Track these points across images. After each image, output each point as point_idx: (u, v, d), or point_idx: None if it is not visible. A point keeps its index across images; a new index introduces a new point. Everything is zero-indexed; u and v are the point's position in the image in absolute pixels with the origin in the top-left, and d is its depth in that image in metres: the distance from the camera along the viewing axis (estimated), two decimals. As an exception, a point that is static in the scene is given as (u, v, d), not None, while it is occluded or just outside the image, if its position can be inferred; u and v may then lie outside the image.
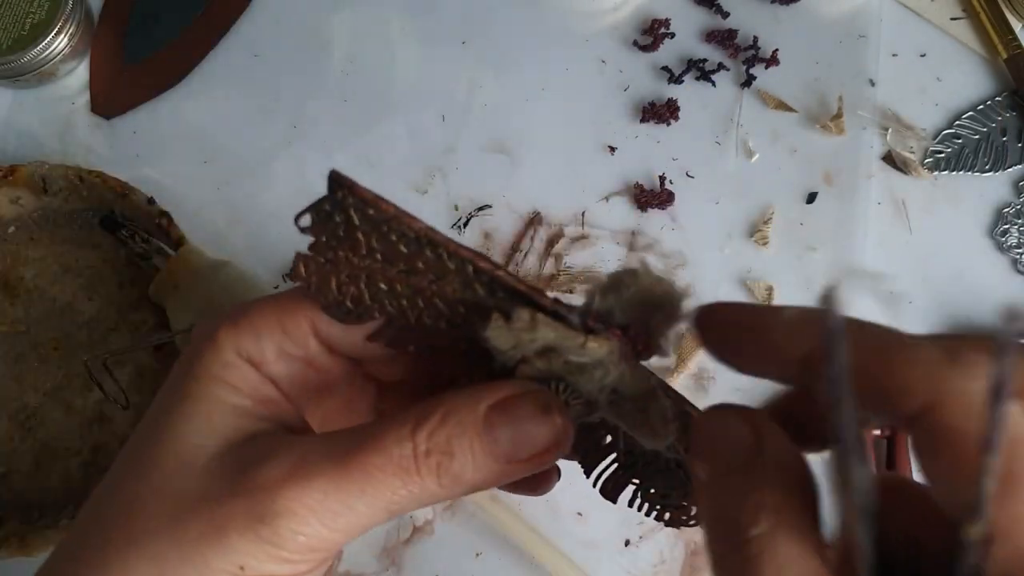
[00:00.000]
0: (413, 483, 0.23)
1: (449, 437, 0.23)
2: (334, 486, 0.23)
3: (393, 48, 0.58)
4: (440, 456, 0.23)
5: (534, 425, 0.24)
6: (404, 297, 0.25)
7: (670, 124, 0.55)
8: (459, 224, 0.54)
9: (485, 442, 0.24)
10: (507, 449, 0.24)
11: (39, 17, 0.56)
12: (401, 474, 0.23)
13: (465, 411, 0.24)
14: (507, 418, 0.24)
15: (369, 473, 0.23)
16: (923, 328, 0.52)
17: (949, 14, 0.58)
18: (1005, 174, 0.55)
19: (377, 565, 0.49)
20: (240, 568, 0.23)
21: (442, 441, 0.23)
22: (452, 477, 0.24)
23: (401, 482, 0.23)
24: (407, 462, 0.23)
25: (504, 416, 0.24)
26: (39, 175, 0.51)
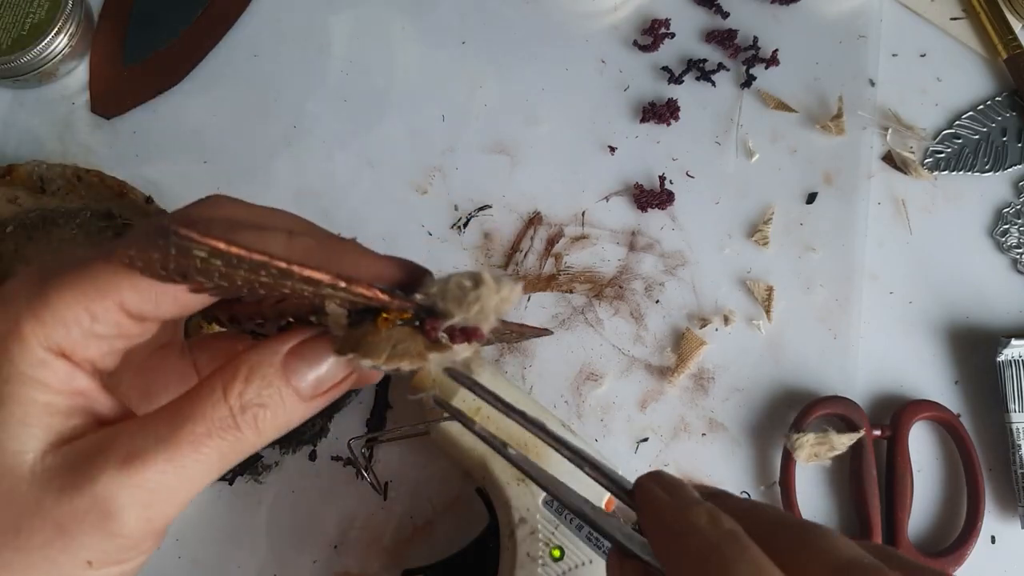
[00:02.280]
0: (236, 439, 0.26)
1: (258, 391, 0.26)
2: (170, 465, 0.25)
3: (393, 48, 0.58)
4: (255, 409, 0.26)
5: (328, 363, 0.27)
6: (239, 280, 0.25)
7: (670, 124, 0.55)
8: (459, 224, 0.54)
9: (290, 387, 0.27)
10: (310, 388, 0.27)
11: (39, 17, 0.56)
12: (224, 434, 0.26)
13: (266, 365, 0.26)
14: (304, 362, 0.27)
15: (197, 442, 0.25)
16: (923, 329, 0.52)
17: (949, 14, 0.58)
18: (1005, 174, 0.55)
19: (377, 565, 0.48)
20: (88, 563, 0.25)
21: (252, 396, 0.26)
22: (268, 424, 0.26)
23: (225, 441, 0.26)
24: (227, 422, 0.26)
25: (300, 360, 0.27)
26: (37, 174, 0.51)
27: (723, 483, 0.49)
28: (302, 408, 0.27)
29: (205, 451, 0.25)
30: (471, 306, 0.26)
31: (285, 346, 0.27)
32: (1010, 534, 0.49)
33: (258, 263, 0.24)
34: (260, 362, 0.27)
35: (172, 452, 0.25)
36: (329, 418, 0.51)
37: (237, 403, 0.26)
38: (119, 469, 0.24)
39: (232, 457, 0.26)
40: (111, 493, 0.24)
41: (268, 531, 0.49)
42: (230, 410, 0.26)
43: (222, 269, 0.24)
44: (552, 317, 0.52)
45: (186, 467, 0.25)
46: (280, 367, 0.27)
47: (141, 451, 0.25)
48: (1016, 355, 0.49)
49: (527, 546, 0.44)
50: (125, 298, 0.26)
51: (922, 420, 0.50)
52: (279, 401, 0.26)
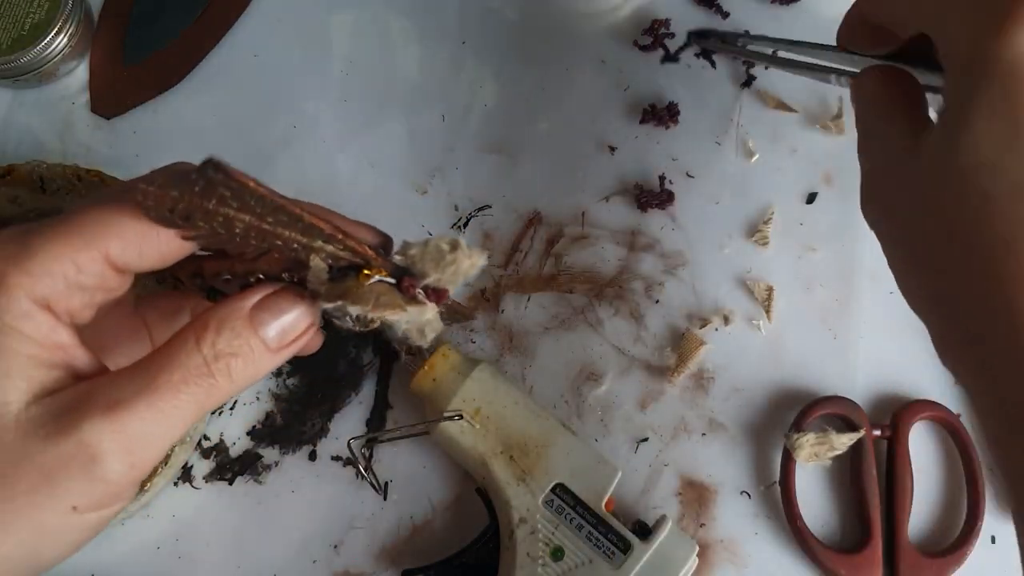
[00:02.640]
0: (212, 386, 0.28)
1: (229, 341, 0.28)
2: (150, 411, 0.26)
3: (393, 48, 0.58)
4: (227, 358, 0.28)
5: (292, 314, 0.29)
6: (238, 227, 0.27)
7: (669, 128, 0.55)
8: (459, 224, 0.54)
9: (258, 337, 0.29)
10: (276, 338, 0.29)
11: (39, 17, 0.56)
12: (200, 380, 0.27)
13: (235, 317, 0.28)
14: (270, 314, 0.29)
15: (176, 389, 0.27)
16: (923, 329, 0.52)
17: (949, 14, 0.58)
18: (1005, 174, 0.55)
19: (377, 565, 0.49)
20: (72, 508, 0.26)
21: (224, 346, 0.28)
22: (240, 372, 0.28)
23: (201, 388, 0.27)
24: (202, 370, 0.27)
25: (267, 312, 0.29)
26: (37, 174, 0.51)
27: (723, 483, 0.50)
28: (269, 358, 0.29)
29: (183, 397, 0.27)
30: (447, 267, 0.29)
31: (251, 300, 0.29)
32: (1010, 534, 0.49)
33: (277, 205, 0.26)
34: (229, 314, 0.28)
35: (152, 398, 0.26)
36: (329, 418, 0.51)
37: (211, 352, 0.27)
38: (103, 416, 0.26)
39: (207, 404, 0.28)
40: (95, 439, 0.25)
41: (268, 531, 0.49)
42: (204, 359, 0.27)
43: (229, 213, 0.26)
44: (552, 317, 0.52)
45: (165, 412, 0.26)
46: (248, 319, 0.28)
47: (123, 399, 0.26)
48: (1016, 355, 0.49)
49: (527, 546, 0.44)
50: (111, 248, 0.27)
51: (922, 420, 0.50)
52: (249, 351, 0.28)
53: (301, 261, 0.29)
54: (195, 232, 0.28)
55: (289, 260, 0.29)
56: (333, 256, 0.29)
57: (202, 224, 0.27)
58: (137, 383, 0.27)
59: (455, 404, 0.46)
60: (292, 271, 0.30)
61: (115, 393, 0.26)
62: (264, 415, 0.51)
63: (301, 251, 0.28)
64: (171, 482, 0.50)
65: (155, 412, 0.26)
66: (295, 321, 0.29)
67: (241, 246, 0.28)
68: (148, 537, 0.49)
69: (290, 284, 0.30)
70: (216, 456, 0.51)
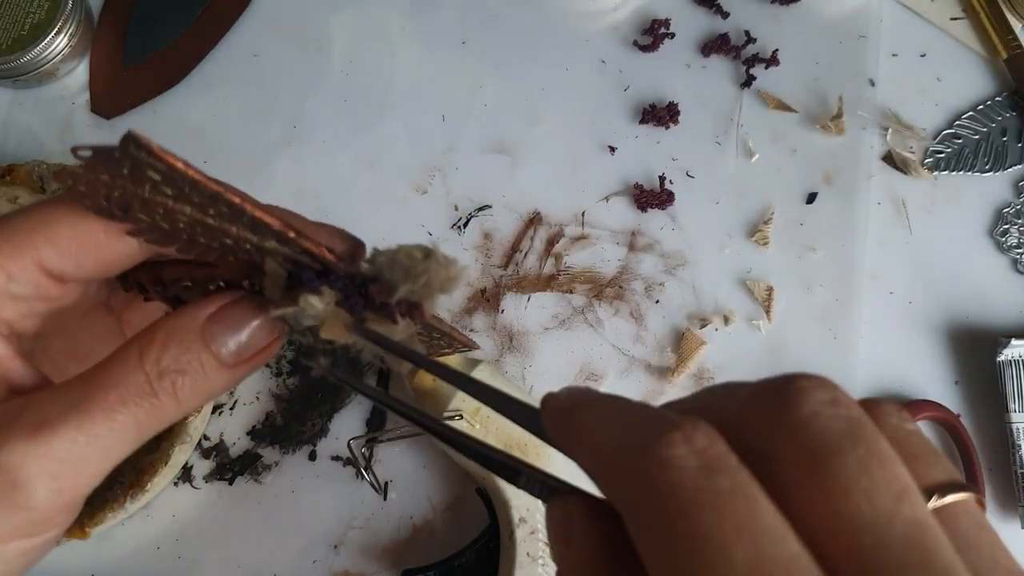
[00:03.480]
0: (154, 407, 0.24)
1: (176, 356, 0.25)
2: (80, 434, 0.23)
3: (393, 48, 0.58)
4: (173, 375, 0.24)
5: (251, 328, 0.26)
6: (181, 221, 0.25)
7: (669, 128, 0.55)
8: (459, 224, 0.54)
9: (210, 353, 0.25)
10: (232, 355, 0.25)
11: (39, 17, 0.56)
12: (141, 401, 0.24)
13: (185, 329, 0.25)
14: (225, 327, 0.25)
15: (112, 410, 0.24)
16: (923, 329, 0.52)
17: (949, 14, 0.58)
18: (1005, 174, 0.55)
19: (377, 565, 0.48)
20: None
21: (170, 362, 0.25)
22: (188, 392, 0.25)
23: (142, 409, 0.24)
24: (143, 388, 0.24)
25: (222, 325, 0.25)
26: (37, 174, 0.51)
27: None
28: (224, 376, 0.26)
29: (120, 419, 0.24)
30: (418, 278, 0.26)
31: (206, 311, 0.26)
32: (1010, 534, 0.49)
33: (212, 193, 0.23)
34: (178, 327, 0.25)
35: (83, 420, 0.24)
36: (329, 418, 0.51)
37: (154, 369, 0.24)
38: (27, 438, 0.23)
39: (150, 426, 0.25)
40: (17, 463, 0.23)
41: (268, 531, 0.49)
42: (146, 376, 0.24)
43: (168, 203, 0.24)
44: (552, 317, 0.52)
45: (99, 436, 0.24)
46: (200, 332, 0.25)
47: (51, 419, 0.23)
48: (1016, 355, 0.49)
49: (527, 546, 0.44)
50: (43, 255, 0.25)
51: (922, 420, 0.50)
52: (198, 367, 0.25)
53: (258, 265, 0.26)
54: (136, 226, 0.25)
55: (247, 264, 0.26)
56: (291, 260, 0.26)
57: (143, 217, 0.24)
58: (69, 401, 0.24)
59: (455, 404, 0.46)
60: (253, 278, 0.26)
61: (44, 412, 0.24)
62: (264, 415, 0.51)
63: (255, 253, 0.25)
64: (171, 482, 0.50)
65: (87, 435, 0.23)
66: (253, 335, 0.26)
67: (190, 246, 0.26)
68: (148, 537, 0.49)
69: (252, 293, 0.27)
70: (216, 456, 0.50)
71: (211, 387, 0.25)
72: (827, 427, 0.17)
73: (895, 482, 0.16)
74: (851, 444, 0.17)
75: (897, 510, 0.16)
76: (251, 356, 0.26)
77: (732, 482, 0.16)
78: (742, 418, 0.18)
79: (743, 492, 0.16)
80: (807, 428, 0.17)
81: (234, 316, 0.26)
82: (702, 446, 0.17)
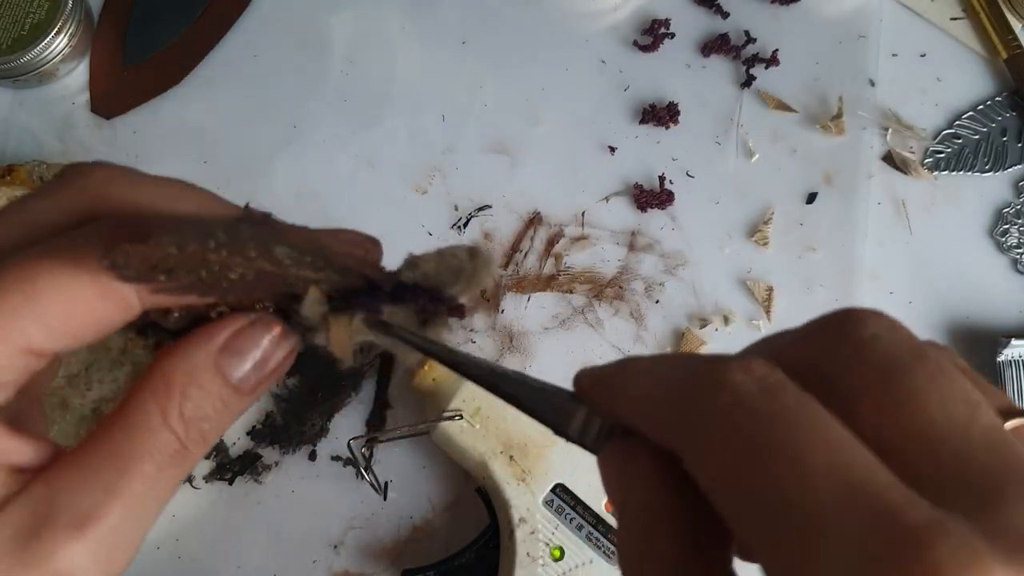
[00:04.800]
0: (187, 459, 0.24)
1: (198, 403, 0.23)
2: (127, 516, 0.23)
3: (393, 48, 0.58)
4: (199, 423, 0.24)
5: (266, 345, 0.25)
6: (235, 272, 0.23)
7: (669, 128, 0.55)
8: (459, 224, 0.54)
9: (230, 387, 0.24)
10: (251, 382, 0.24)
11: (39, 17, 0.56)
12: (177, 460, 0.23)
13: (201, 368, 0.24)
14: (239, 357, 0.24)
15: (151, 480, 0.23)
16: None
17: (949, 14, 0.58)
18: (1005, 174, 0.55)
19: (377, 565, 0.48)
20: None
21: (193, 411, 0.23)
22: (215, 432, 0.24)
23: (177, 465, 0.24)
24: (174, 447, 0.23)
25: (237, 354, 0.24)
26: (37, 174, 0.51)
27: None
28: (246, 402, 0.25)
29: (161, 486, 0.23)
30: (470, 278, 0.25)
31: (216, 342, 0.24)
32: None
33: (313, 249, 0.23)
34: (194, 367, 0.24)
35: (127, 501, 0.23)
36: (329, 418, 0.51)
37: (180, 425, 0.23)
38: (75, 536, 0.22)
39: (183, 476, 0.25)
40: (72, 563, 0.22)
41: (268, 531, 0.49)
42: (175, 435, 0.23)
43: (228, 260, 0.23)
44: (552, 317, 0.52)
45: (144, 508, 0.23)
46: (215, 367, 0.24)
47: (93, 509, 0.22)
48: (1016, 355, 0.49)
49: (527, 546, 0.44)
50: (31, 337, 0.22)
51: (922, 420, 0.50)
52: (221, 407, 0.24)
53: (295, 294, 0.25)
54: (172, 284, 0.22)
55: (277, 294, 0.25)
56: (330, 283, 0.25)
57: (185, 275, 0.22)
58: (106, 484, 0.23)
59: (455, 404, 0.46)
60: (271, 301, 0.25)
61: (83, 502, 0.22)
62: (264, 415, 0.51)
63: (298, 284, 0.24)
64: (171, 482, 0.50)
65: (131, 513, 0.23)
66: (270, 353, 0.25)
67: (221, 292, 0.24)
68: (148, 537, 0.49)
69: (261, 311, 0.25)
70: (216, 456, 0.50)
71: (232, 416, 0.25)
72: (893, 347, 0.17)
73: (968, 395, 0.16)
74: (919, 361, 0.17)
75: (974, 418, 0.16)
76: (269, 374, 0.25)
77: (797, 400, 0.16)
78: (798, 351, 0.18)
79: (809, 408, 0.16)
80: (872, 348, 0.17)
81: (251, 339, 0.24)
82: (761, 374, 0.17)
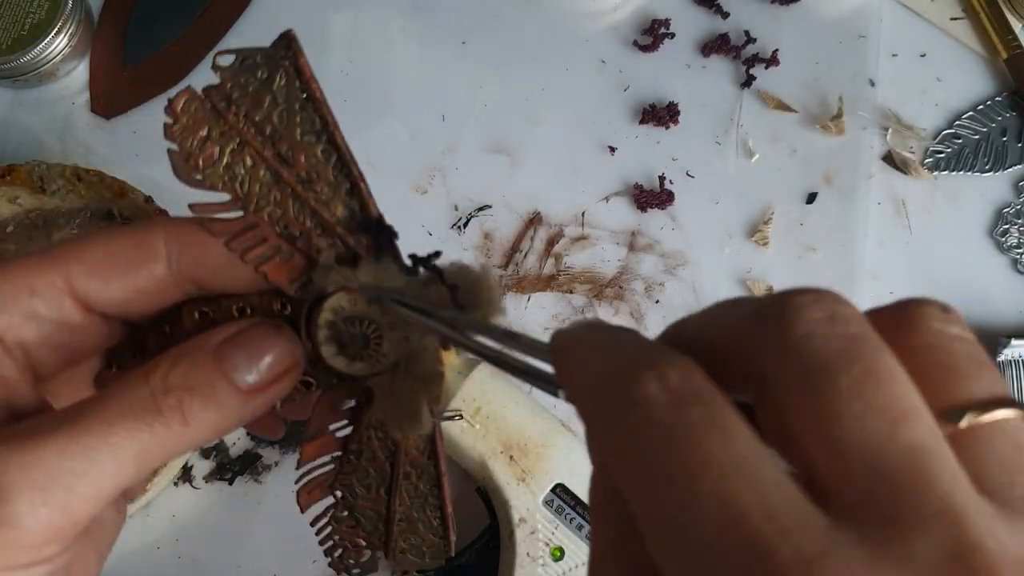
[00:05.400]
0: (158, 425, 0.22)
1: (186, 373, 0.23)
2: (74, 446, 0.21)
3: (393, 48, 0.58)
4: (180, 393, 0.22)
5: (267, 346, 0.24)
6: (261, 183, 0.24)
7: (669, 128, 0.55)
8: (459, 224, 0.54)
9: (222, 372, 0.23)
10: (244, 375, 0.23)
11: (39, 17, 0.56)
12: (144, 417, 0.22)
13: (198, 348, 0.23)
14: (239, 348, 0.23)
15: (110, 423, 0.22)
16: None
17: (949, 14, 0.58)
18: (1005, 174, 0.55)
19: (376, 565, 0.48)
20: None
21: (179, 378, 0.23)
22: (197, 413, 0.23)
23: (145, 425, 0.22)
24: (147, 403, 0.22)
25: (237, 347, 0.23)
26: (37, 174, 0.50)
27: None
28: (237, 401, 0.23)
29: (119, 434, 0.22)
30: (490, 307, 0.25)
31: (221, 334, 0.24)
32: (1010, 534, 0.49)
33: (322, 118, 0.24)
34: (191, 347, 0.23)
35: (77, 432, 0.21)
36: (329, 418, 0.51)
37: (160, 384, 0.22)
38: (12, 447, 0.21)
39: (153, 451, 0.22)
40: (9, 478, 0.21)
41: (268, 531, 0.49)
42: (151, 391, 0.22)
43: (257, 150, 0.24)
44: (552, 317, 0.52)
45: (92, 450, 0.21)
46: (213, 352, 0.23)
47: (42, 428, 0.21)
48: (1016, 355, 0.49)
49: (527, 546, 0.44)
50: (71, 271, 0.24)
51: (922, 420, 0.50)
52: (209, 387, 0.23)
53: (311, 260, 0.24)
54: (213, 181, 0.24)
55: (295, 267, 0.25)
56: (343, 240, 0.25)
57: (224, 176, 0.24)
58: (65, 416, 0.22)
59: (455, 404, 0.46)
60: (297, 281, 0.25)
61: (37, 423, 0.22)
62: (264, 415, 0.51)
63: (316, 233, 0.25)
64: (171, 482, 0.50)
65: (80, 447, 0.21)
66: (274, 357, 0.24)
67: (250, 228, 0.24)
68: (148, 537, 0.49)
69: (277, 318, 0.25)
70: (216, 456, 0.50)
71: (223, 413, 0.23)
72: (820, 347, 0.16)
73: (894, 405, 0.15)
74: (845, 365, 0.16)
75: (893, 435, 0.15)
76: (269, 380, 0.24)
77: (703, 414, 0.16)
78: (741, 339, 0.18)
79: (715, 423, 0.15)
80: (799, 349, 0.16)
81: (251, 338, 0.24)
82: (674, 382, 0.16)
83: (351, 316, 0.24)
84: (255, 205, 0.24)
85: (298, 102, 0.24)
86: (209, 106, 0.24)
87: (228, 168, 0.24)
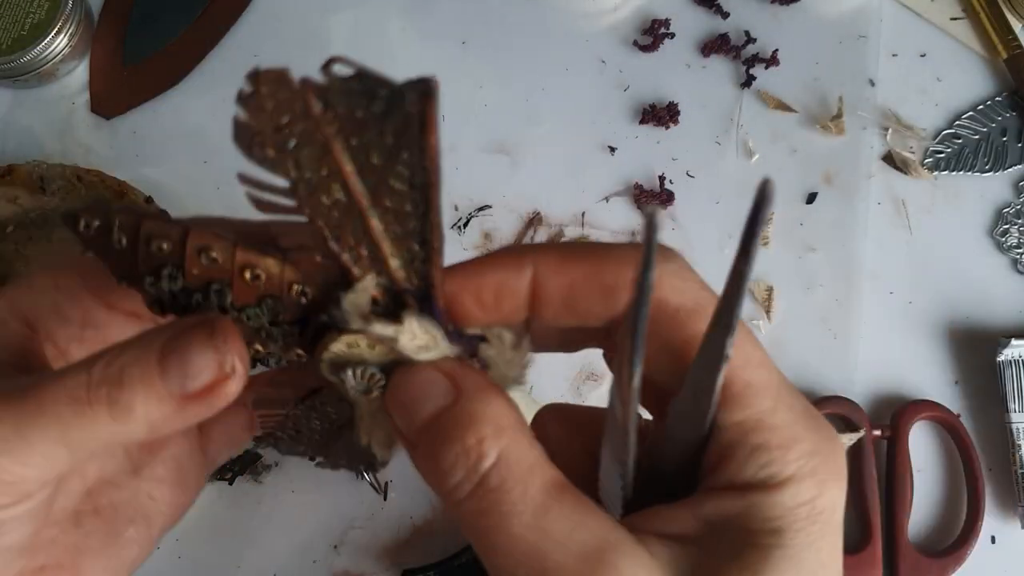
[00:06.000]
0: (84, 414, 0.22)
1: (121, 368, 0.23)
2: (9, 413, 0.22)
3: (393, 48, 0.58)
4: (110, 386, 0.22)
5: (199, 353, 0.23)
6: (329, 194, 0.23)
7: (669, 128, 0.55)
8: (459, 224, 0.54)
9: (156, 373, 0.23)
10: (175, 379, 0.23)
11: (39, 17, 0.56)
12: (72, 404, 0.22)
13: (141, 345, 0.23)
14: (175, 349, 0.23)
15: (41, 403, 0.22)
16: (923, 329, 0.52)
17: (949, 14, 0.58)
18: (1005, 174, 0.55)
19: (377, 565, 0.48)
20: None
21: (114, 372, 0.23)
22: (123, 408, 0.23)
23: (72, 412, 0.22)
24: (79, 392, 0.22)
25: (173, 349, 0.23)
26: (37, 174, 0.51)
27: (723, 483, 0.50)
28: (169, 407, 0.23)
29: (47, 416, 0.22)
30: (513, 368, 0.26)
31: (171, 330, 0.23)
32: (1010, 534, 0.49)
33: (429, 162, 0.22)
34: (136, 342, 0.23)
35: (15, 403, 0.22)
36: (329, 418, 0.51)
37: (99, 373, 0.23)
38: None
39: (81, 439, 0.23)
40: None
41: (268, 531, 0.49)
42: (88, 378, 0.23)
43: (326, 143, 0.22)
44: (552, 317, 0.52)
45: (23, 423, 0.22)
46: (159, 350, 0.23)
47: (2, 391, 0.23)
48: (1016, 355, 0.49)
49: (527, 546, 0.44)
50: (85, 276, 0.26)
51: (922, 420, 0.50)
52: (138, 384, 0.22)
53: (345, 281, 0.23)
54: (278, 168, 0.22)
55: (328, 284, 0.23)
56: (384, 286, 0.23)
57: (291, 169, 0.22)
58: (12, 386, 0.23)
59: None
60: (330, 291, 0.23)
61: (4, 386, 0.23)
62: (264, 415, 0.51)
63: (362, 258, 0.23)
64: (171, 482, 0.50)
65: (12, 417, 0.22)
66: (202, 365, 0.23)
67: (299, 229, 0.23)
68: (148, 537, 0.49)
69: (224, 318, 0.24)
70: (216, 456, 0.50)
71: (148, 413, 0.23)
72: None
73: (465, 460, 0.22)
74: None
75: None
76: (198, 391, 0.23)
77: None
78: None
79: None
80: None
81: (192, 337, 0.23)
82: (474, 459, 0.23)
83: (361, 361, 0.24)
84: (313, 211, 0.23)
85: (407, 151, 0.22)
86: (301, 101, 0.22)
87: (297, 166, 0.23)
